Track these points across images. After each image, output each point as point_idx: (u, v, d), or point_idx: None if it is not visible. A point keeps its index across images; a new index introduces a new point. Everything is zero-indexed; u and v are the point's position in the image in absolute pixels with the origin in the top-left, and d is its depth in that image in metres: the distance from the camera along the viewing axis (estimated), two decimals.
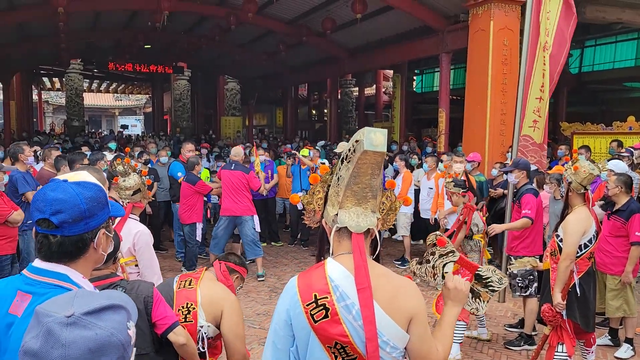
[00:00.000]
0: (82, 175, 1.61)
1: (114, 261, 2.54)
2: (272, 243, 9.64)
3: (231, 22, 14.29)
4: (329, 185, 1.94)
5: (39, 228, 1.50)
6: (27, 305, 1.45)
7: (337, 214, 1.85)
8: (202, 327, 2.72)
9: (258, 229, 7.90)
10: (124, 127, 34.22)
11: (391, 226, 2.09)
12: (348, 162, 1.82)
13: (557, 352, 4.06)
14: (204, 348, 2.72)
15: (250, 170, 7.94)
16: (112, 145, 11.49)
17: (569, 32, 6.17)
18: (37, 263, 1.53)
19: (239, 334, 2.80)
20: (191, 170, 7.80)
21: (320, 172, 1.99)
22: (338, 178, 1.87)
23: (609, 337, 5.30)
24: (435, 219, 7.96)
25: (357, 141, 1.78)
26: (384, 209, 1.99)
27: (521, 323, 5.55)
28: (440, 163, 8.34)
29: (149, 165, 9.07)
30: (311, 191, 2.01)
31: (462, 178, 5.28)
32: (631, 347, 5.03)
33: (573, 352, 4.11)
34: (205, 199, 8.28)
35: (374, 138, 1.75)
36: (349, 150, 1.82)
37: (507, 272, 5.25)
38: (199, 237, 7.68)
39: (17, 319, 1.45)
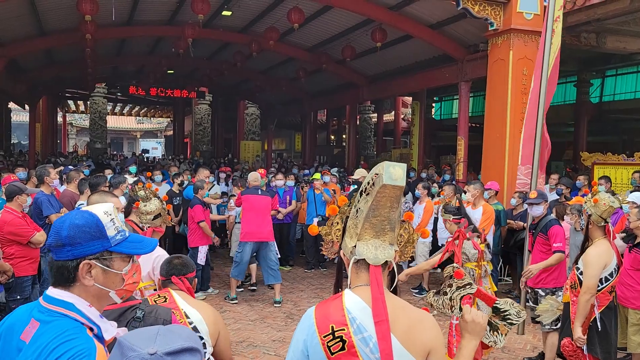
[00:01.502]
0: (92, 205, 1.67)
1: None
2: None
3: (253, 49, 14.55)
4: (347, 217, 1.97)
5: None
6: (35, 333, 1.50)
7: (355, 246, 1.87)
8: (206, 352, 2.75)
9: (278, 254, 7.96)
10: (145, 151, 34.73)
11: (409, 258, 2.11)
12: (367, 195, 1.85)
13: None
14: None
15: (275, 194, 8.06)
16: (133, 169, 11.66)
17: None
18: (50, 290, 1.58)
19: (228, 348, 2.87)
20: (195, 193, 7.93)
21: (338, 204, 2.03)
22: (357, 210, 1.90)
23: None
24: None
25: (376, 174, 1.81)
26: (401, 242, 2.01)
27: (541, 356, 5.44)
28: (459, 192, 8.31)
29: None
30: (329, 222, 2.04)
31: (455, 204, 5.19)
32: None
33: None
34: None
35: (393, 172, 1.78)
36: (368, 183, 1.85)
37: (530, 307, 5.14)
38: (200, 261, 7.68)
39: (25, 345, 1.49)
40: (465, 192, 8.00)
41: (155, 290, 3.60)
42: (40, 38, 14.16)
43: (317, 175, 9.93)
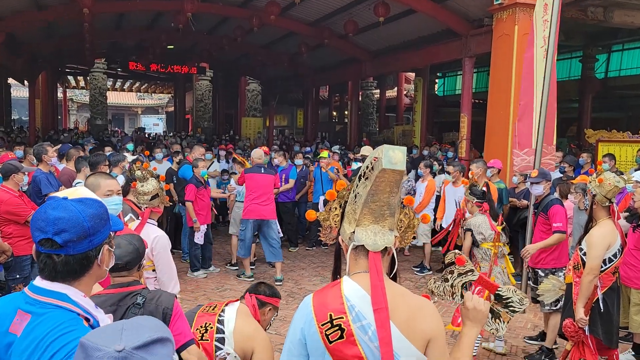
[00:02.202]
0: (82, 192, 1.60)
1: (138, 268, 2.54)
2: (290, 249, 9.60)
3: (253, 23, 14.34)
4: (346, 202, 1.90)
5: (42, 248, 1.47)
6: (27, 325, 1.44)
7: (354, 232, 1.83)
8: (229, 354, 2.75)
9: (280, 232, 7.93)
10: (141, 129, 34.64)
11: (410, 243, 2.06)
12: (366, 180, 1.79)
13: None
14: None
15: (276, 172, 8.01)
16: (130, 146, 11.53)
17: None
18: (38, 282, 1.51)
19: None
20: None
21: (337, 188, 1.96)
22: (355, 195, 1.84)
23: (633, 353, 5.15)
24: (441, 224, 7.92)
25: (375, 158, 1.75)
26: (401, 227, 1.95)
27: (541, 336, 5.44)
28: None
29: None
30: (328, 207, 1.98)
31: (483, 188, 5.18)
32: None
33: None
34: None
35: (392, 156, 1.72)
36: (367, 167, 1.78)
37: (531, 287, 5.14)
38: (198, 240, 7.64)
39: (16, 338, 1.44)
40: (449, 173, 7.97)
41: (153, 270, 3.57)
42: (38, 11, 13.97)
43: (325, 154, 9.84)
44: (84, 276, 1.52)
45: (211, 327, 2.77)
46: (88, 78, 27.54)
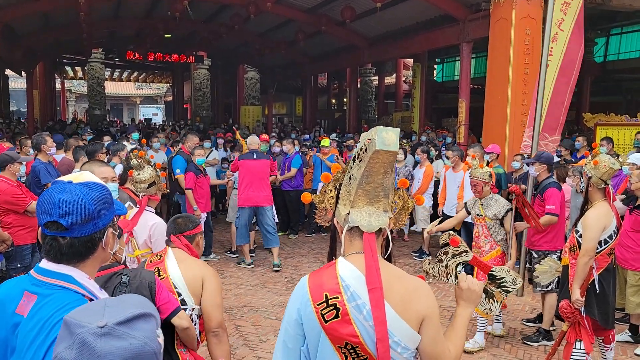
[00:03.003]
0: (86, 176, 1.62)
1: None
2: (290, 236, 9.63)
3: (250, 10, 14.24)
4: (341, 184, 1.93)
5: (47, 231, 1.50)
6: (33, 306, 1.47)
7: (348, 213, 1.84)
8: (193, 309, 2.75)
9: (276, 218, 7.94)
10: (148, 120, 34.63)
11: (404, 224, 2.08)
12: (360, 161, 1.81)
13: (574, 349, 4.01)
14: (198, 328, 2.79)
15: (270, 157, 7.99)
16: (135, 135, 11.49)
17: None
18: (44, 264, 1.54)
19: (215, 303, 2.79)
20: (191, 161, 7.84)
21: (332, 171, 1.98)
22: (350, 177, 1.86)
23: (630, 334, 5.21)
24: (443, 210, 7.89)
25: (369, 140, 1.76)
26: (396, 208, 1.97)
27: (539, 318, 5.49)
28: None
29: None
30: (323, 190, 2.00)
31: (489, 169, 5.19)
32: None
33: (591, 350, 4.05)
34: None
35: (386, 137, 1.73)
36: (361, 149, 1.80)
37: (527, 269, 5.19)
38: None
39: (22, 319, 1.47)
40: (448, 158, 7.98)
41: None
42: (34, 2, 13.88)
43: (326, 142, 9.83)
44: (88, 258, 1.55)
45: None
46: (86, 68, 27.41)
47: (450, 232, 2.06)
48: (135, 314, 1.02)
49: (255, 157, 7.58)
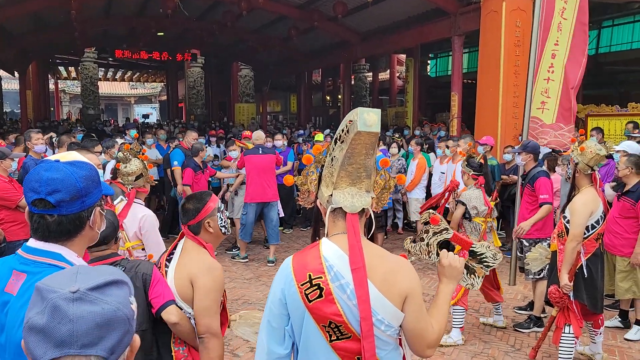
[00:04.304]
0: (73, 155, 1.64)
1: (115, 241, 2.60)
2: (284, 231, 9.65)
3: (242, 7, 14.24)
4: (323, 166, 1.95)
5: (35, 209, 1.51)
6: (22, 284, 1.48)
7: (331, 195, 1.86)
8: (190, 315, 2.48)
9: (282, 213, 7.92)
10: (145, 116, 34.50)
11: (386, 204, 2.10)
12: (342, 143, 1.83)
13: (564, 333, 4.06)
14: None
15: (276, 152, 8.00)
16: (133, 132, 11.54)
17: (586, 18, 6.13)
18: (32, 242, 1.55)
19: (201, 307, 2.43)
20: (195, 156, 7.84)
21: (313, 153, 2.01)
22: (332, 159, 1.88)
23: (619, 319, 5.27)
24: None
25: (350, 122, 1.79)
26: (377, 188, 2.00)
27: (530, 305, 5.54)
28: (447, 149, 8.31)
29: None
30: (305, 172, 2.02)
31: (480, 161, 5.20)
32: None
33: (580, 334, 4.10)
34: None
35: (367, 118, 1.76)
36: (342, 130, 1.82)
37: (518, 256, 5.22)
38: None
39: (12, 297, 1.48)
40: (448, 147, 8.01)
41: (143, 249, 3.62)
42: (25, 1, 13.83)
43: (320, 137, 9.85)
44: (76, 237, 1.56)
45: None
46: (79, 68, 27.33)
47: (431, 210, 2.09)
48: (108, 280, 1.03)
49: (261, 152, 7.56)
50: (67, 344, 0.94)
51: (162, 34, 21.04)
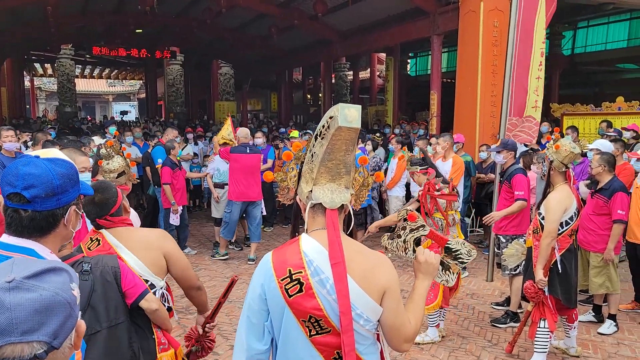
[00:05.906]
0: (54, 152, 1.63)
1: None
2: (265, 229, 9.65)
3: (222, 4, 14.18)
4: (303, 162, 1.97)
5: (10, 202, 1.51)
6: None
7: (311, 191, 1.88)
8: (161, 287, 2.62)
9: (264, 212, 7.90)
10: (124, 113, 34.05)
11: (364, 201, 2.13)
12: (322, 139, 1.83)
13: (539, 327, 4.15)
14: (169, 303, 2.68)
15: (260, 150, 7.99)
16: (112, 129, 11.47)
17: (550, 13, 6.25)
18: (5, 238, 1.54)
19: (184, 266, 2.69)
20: (167, 154, 7.80)
21: (292, 149, 2.02)
22: (312, 155, 1.89)
23: (593, 314, 5.39)
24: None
25: (331, 117, 1.80)
26: (356, 185, 2.02)
27: (507, 301, 5.63)
28: (429, 146, 8.38)
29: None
30: (284, 168, 2.04)
31: (419, 155, 5.22)
32: (614, 323, 5.12)
33: (555, 328, 4.19)
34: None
35: (348, 114, 1.76)
36: (323, 126, 1.83)
37: (496, 253, 5.30)
38: (173, 222, 7.60)
39: None
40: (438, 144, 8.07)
41: None
42: None
43: (295, 133, 9.85)
44: (50, 234, 1.55)
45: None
46: (55, 65, 26.89)
47: (408, 207, 2.13)
48: (45, 267, 1.02)
49: (248, 151, 7.49)
50: (7, 332, 0.93)
51: (140, 30, 20.83)
